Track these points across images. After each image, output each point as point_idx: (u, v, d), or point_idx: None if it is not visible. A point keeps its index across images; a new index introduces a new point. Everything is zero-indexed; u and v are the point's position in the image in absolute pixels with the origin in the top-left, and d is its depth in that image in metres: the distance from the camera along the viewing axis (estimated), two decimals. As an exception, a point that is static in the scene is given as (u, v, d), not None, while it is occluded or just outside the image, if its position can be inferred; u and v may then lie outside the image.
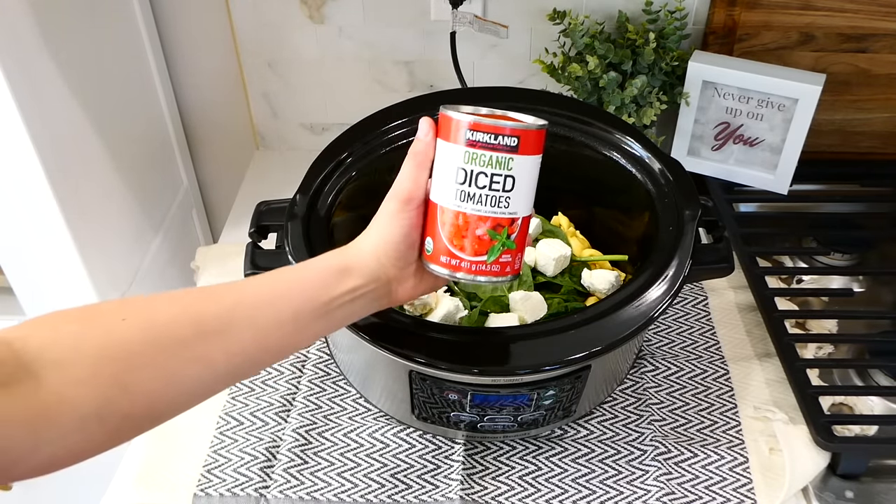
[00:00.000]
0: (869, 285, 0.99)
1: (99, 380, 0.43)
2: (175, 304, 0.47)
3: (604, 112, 0.87)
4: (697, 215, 0.73)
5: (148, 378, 0.45)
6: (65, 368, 0.42)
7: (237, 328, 0.48)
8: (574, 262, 0.81)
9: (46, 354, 0.42)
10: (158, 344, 0.45)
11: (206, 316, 0.47)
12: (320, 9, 1.05)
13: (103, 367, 0.43)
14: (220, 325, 0.48)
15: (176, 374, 0.46)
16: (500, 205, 0.56)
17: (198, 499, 0.73)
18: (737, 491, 0.73)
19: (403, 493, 0.73)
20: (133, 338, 0.45)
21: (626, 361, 0.80)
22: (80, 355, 0.43)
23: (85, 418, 0.42)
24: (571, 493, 0.73)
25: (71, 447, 0.43)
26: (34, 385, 0.41)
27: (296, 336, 0.52)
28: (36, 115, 0.80)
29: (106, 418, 0.43)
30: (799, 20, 0.99)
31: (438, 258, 0.58)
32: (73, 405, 0.42)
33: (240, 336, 0.49)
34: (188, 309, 0.47)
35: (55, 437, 0.42)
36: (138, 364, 0.44)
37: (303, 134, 1.19)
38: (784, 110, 0.95)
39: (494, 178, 0.55)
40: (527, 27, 1.05)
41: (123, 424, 0.45)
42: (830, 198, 1.08)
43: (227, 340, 0.48)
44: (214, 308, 0.48)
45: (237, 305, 0.49)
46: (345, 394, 0.82)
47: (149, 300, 0.48)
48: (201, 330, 0.47)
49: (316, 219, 0.72)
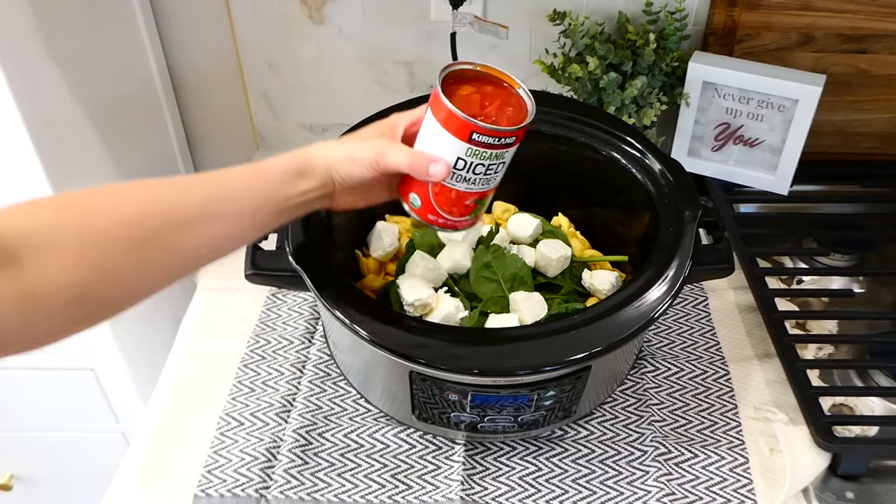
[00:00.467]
0: (869, 286, 0.99)
1: (80, 266, 0.46)
2: (146, 197, 0.51)
3: (604, 113, 0.87)
4: (697, 216, 0.73)
5: (123, 265, 0.49)
6: (47, 255, 0.45)
7: (205, 221, 0.53)
8: (574, 263, 0.81)
9: (29, 241, 0.45)
10: (132, 235, 0.49)
11: (176, 209, 0.51)
12: (320, 9, 1.05)
13: (83, 255, 0.46)
14: (189, 218, 0.52)
15: (148, 261, 0.50)
16: (490, 183, 0.64)
17: (198, 499, 0.73)
18: (737, 492, 0.73)
19: (404, 493, 0.73)
20: (109, 229, 0.48)
21: (627, 362, 0.80)
22: (61, 243, 0.46)
23: (68, 301, 0.46)
24: (572, 494, 0.73)
25: (55, 327, 0.47)
26: (18, 270, 0.44)
27: (254, 229, 0.58)
28: (36, 115, 0.80)
29: (86, 301, 0.47)
30: (799, 21, 0.99)
31: (425, 215, 0.64)
32: (57, 289, 0.45)
33: (207, 228, 0.53)
34: (159, 202, 0.51)
35: (41, 319, 0.45)
36: (114, 252, 0.48)
37: (303, 134, 1.19)
38: (784, 111, 0.95)
39: (490, 167, 0.62)
40: (527, 28, 1.05)
41: (101, 306, 0.49)
42: (831, 198, 1.08)
43: (195, 232, 0.52)
44: (184, 202, 0.52)
45: (206, 200, 0.53)
46: (345, 394, 0.82)
47: (120, 193, 0.51)
48: (172, 222, 0.51)
49: (316, 219, 0.72)
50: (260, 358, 0.86)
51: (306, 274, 0.67)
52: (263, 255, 0.72)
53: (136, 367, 1.04)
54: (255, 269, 0.71)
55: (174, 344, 0.91)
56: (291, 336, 0.89)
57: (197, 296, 0.96)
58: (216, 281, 0.97)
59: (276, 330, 0.90)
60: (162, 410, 0.82)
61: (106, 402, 1.08)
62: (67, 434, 1.13)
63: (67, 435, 1.13)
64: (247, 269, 0.71)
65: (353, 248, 0.82)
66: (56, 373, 1.03)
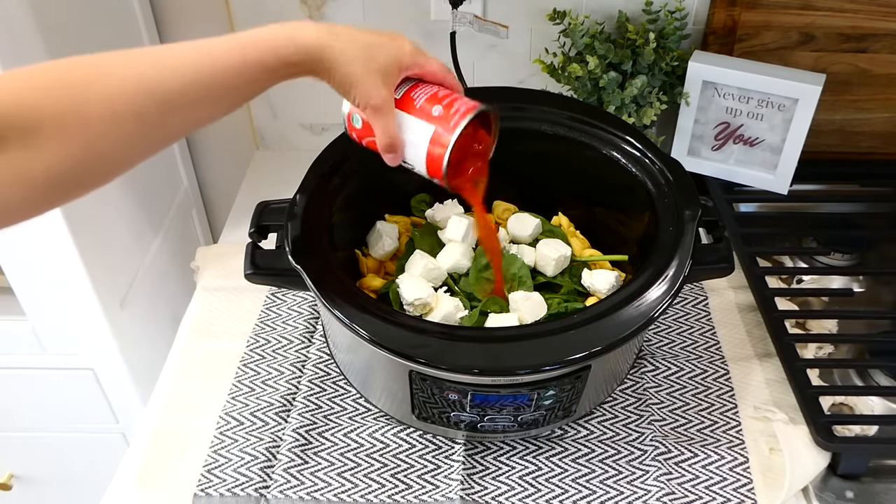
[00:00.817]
0: (869, 285, 0.99)
1: (67, 148, 0.46)
2: (138, 77, 0.49)
3: (604, 112, 0.87)
4: (697, 215, 0.73)
5: (110, 146, 0.49)
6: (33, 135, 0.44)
7: (196, 104, 0.53)
8: (574, 263, 0.81)
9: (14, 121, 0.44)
10: (122, 117, 0.48)
11: (168, 91, 0.50)
12: (320, 8, 1.05)
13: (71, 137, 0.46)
14: (182, 102, 0.51)
15: (136, 140, 0.50)
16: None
17: (198, 499, 0.73)
18: (737, 491, 0.73)
19: (404, 493, 0.73)
20: (99, 110, 0.47)
21: (627, 361, 0.80)
22: (49, 123, 0.45)
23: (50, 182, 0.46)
24: (572, 493, 0.73)
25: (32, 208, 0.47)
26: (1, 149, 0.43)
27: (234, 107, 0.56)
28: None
29: (68, 181, 0.47)
30: (799, 20, 0.99)
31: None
32: (41, 170, 0.45)
33: (196, 109, 0.53)
34: (152, 83, 0.50)
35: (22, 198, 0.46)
36: (103, 135, 0.48)
37: (303, 134, 1.19)
38: (784, 110, 0.95)
39: None
40: (527, 27, 1.05)
41: (81, 185, 0.49)
42: (830, 198, 1.08)
43: (185, 113, 0.52)
44: (177, 83, 0.51)
45: (197, 83, 0.52)
46: (345, 394, 0.82)
47: (112, 70, 0.49)
48: (163, 105, 0.50)
49: (316, 219, 0.72)
50: (260, 357, 0.86)
51: (306, 273, 0.67)
52: (263, 255, 0.72)
53: (136, 367, 1.04)
54: (255, 268, 0.71)
55: (174, 344, 0.91)
56: (291, 336, 0.89)
57: (197, 295, 0.96)
58: (216, 281, 0.97)
59: (275, 329, 0.90)
60: (162, 410, 0.82)
61: (106, 402, 1.08)
62: (67, 434, 1.13)
63: (67, 435, 1.13)
64: (247, 269, 0.71)
65: (353, 248, 0.82)
66: (56, 373, 1.03)
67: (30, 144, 0.44)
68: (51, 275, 0.91)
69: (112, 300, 0.98)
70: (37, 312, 0.96)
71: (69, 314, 0.96)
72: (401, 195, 0.87)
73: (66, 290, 0.93)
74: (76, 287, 0.92)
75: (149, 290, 1.08)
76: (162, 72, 0.50)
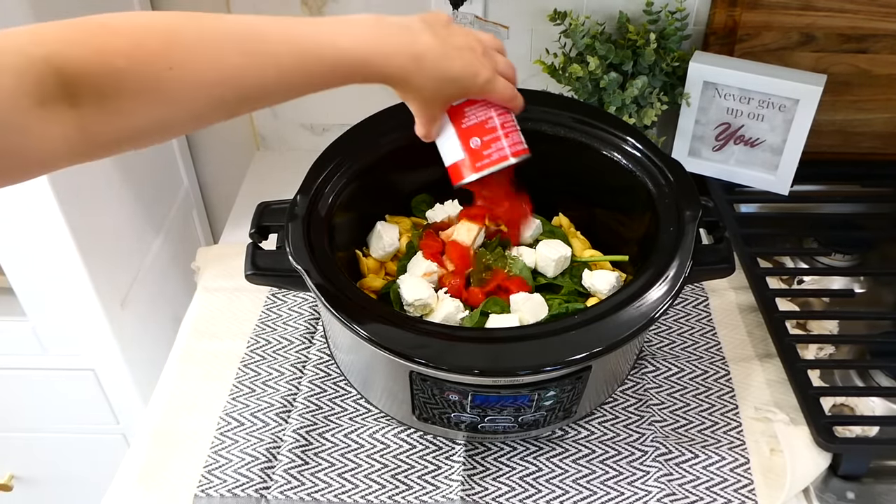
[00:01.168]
0: (870, 286, 0.99)
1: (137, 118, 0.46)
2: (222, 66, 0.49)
3: (604, 113, 0.87)
4: (698, 216, 0.72)
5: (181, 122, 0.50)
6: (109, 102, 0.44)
7: (269, 98, 0.53)
8: (575, 263, 0.81)
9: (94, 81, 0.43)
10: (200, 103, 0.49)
11: (249, 87, 0.50)
12: (321, 9, 1.05)
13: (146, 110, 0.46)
14: (259, 96, 0.52)
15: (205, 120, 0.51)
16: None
17: (198, 499, 0.73)
18: (738, 492, 0.73)
19: (404, 493, 0.73)
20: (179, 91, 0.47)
21: (627, 362, 0.80)
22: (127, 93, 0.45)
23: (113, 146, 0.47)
24: (572, 494, 0.73)
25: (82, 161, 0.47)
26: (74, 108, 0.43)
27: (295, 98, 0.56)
28: (36, 116, 0.79)
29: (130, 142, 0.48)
30: (799, 21, 0.99)
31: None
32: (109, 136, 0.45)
33: (269, 101, 0.54)
34: (234, 76, 0.49)
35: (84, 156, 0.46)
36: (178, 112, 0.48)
37: (303, 134, 1.19)
38: (785, 111, 0.95)
39: None
40: (527, 28, 1.05)
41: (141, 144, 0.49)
42: (831, 198, 1.08)
43: (257, 105, 0.53)
44: (258, 80, 0.51)
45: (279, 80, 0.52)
46: (345, 394, 0.82)
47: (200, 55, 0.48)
48: (241, 97, 0.51)
49: (316, 219, 0.72)
50: (260, 358, 0.86)
51: (306, 274, 0.67)
52: (263, 255, 0.72)
53: (136, 367, 1.04)
54: (255, 269, 0.71)
55: (174, 344, 0.91)
56: (291, 336, 0.89)
57: (197, 296, 0.96)
58: (216, 281, 0.97)
59: (276, 330, 0.90)
60: (162, 410, 0.82)
61: (106, 403, 1.08)
62: (67, 434, 1.13)
63: (67, 435, 1.13)
64: (247, 269, 0.71)
65: (353, 248, 0.82)
66: (56, 373, 1.03)
67: (105, 109, 0.44)
68: (51, 275, 0.91)
69: (113, 301, 0.98)
70: (37, 313, 0.96)
71: (70, 315, 0.96)
72: (401, 195, 0.87)
73: (66, 290, 0.93)
74: (77, 287, 0.92)
75: (149, 291, 1.08)
76: (247, 69, 0.50)
